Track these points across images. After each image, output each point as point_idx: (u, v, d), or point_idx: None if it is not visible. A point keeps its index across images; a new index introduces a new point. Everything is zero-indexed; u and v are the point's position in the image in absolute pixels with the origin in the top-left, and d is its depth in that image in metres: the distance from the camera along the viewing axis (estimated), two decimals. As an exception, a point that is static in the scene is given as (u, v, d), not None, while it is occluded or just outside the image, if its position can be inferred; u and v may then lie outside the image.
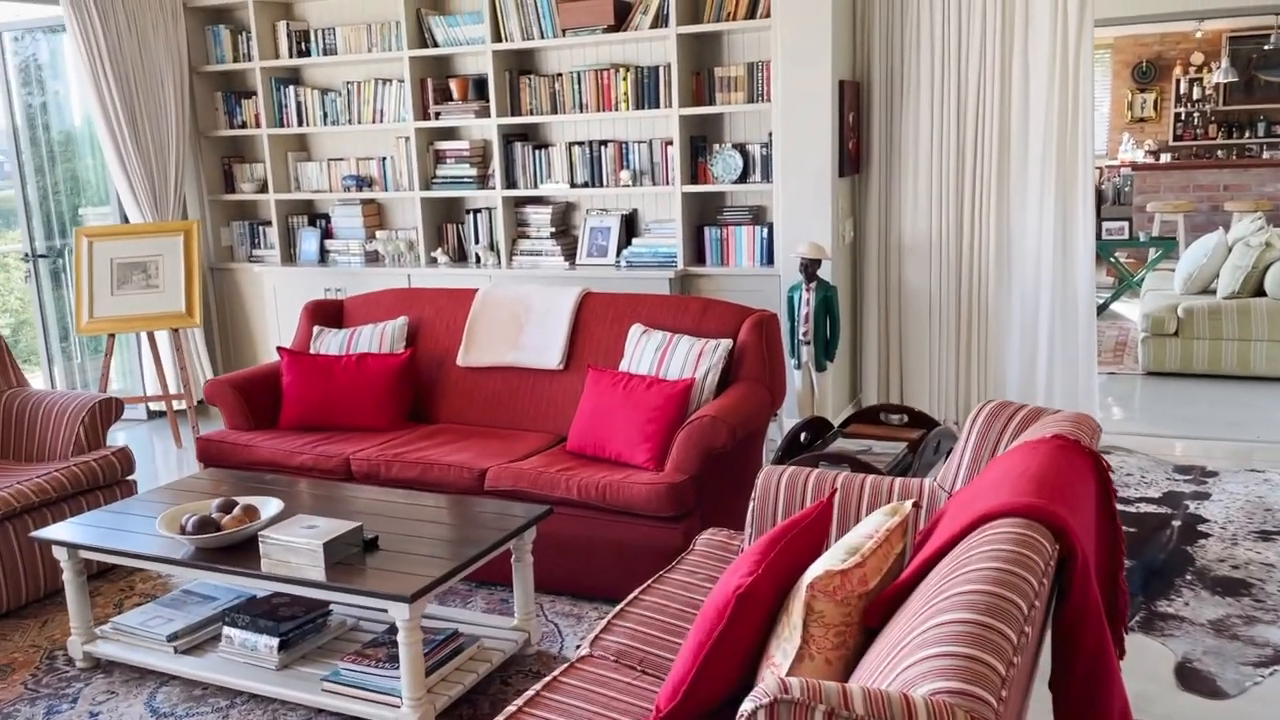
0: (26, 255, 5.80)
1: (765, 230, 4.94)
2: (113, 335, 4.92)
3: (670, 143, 5.02)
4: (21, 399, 3.84)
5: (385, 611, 2.63)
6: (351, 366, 4.01)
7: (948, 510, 1.96)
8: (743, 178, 4.95)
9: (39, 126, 5.79)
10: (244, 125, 5.90)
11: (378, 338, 4.15)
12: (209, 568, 2.69)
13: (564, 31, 5.03)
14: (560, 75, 5.17)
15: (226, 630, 2.92)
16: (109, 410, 3.80)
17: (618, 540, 3.28)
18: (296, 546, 2.66)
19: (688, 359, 3.61)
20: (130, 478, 3.80)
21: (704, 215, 5.16)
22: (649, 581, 2.50)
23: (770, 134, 4.85)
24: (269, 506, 2.92)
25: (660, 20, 4.90)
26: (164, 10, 5.50)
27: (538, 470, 3.39)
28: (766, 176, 4.92)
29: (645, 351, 3.70)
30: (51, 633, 3.27)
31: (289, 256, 5.91)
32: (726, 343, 3.62)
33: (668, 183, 5.08)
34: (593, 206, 5.37)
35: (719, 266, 5.03)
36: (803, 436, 3.56)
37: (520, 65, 5.33)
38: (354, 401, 3.98)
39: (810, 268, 4.47)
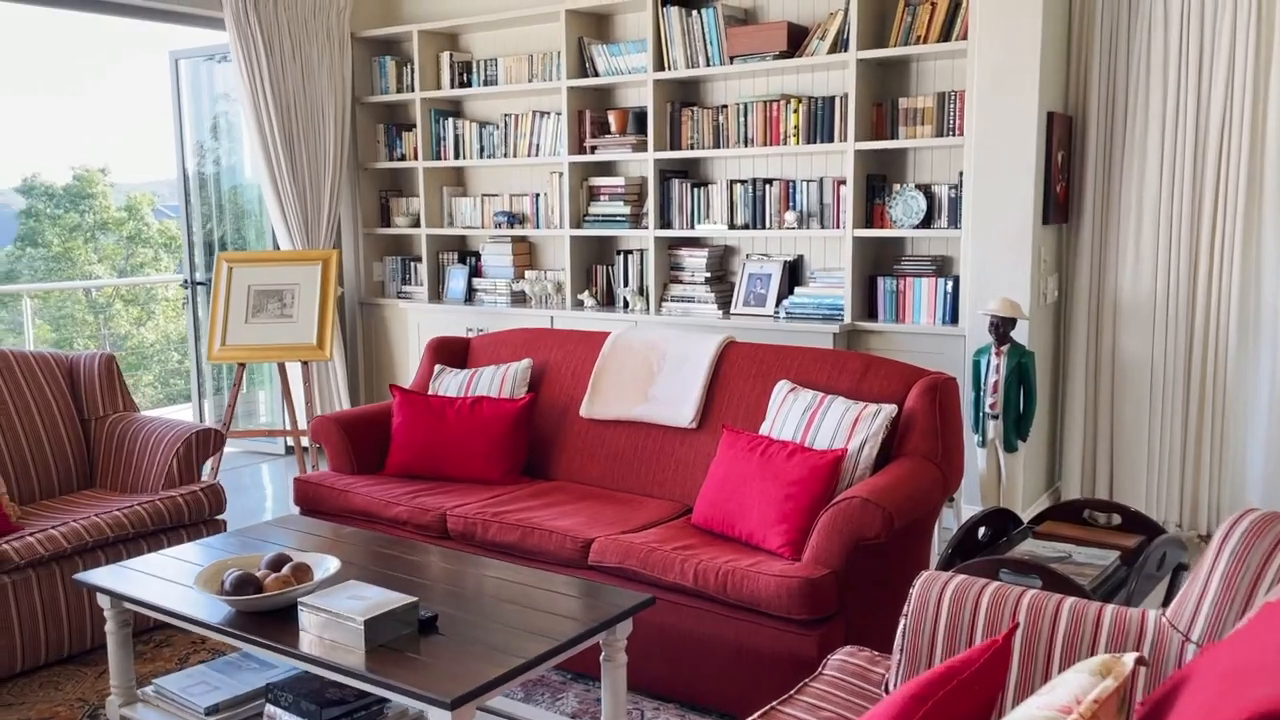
0: (185, 282, 5.80)
1: (950, 283, 4.26)
2: (243, 365, 4.74)
3: (843, 182, 4.44)
4: (124, 424, 3.63)
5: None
6: (465, 411, 3.61)
7: (1196, 675, 1.28)
8: (926, 222, 4.30)
9: (206, 153, 5.81)
10: (403, 158, 5.73)
11: (498, 381, 3.74)
12: (234, 634, 2.28)
13: (731, 59, 4.56)
14: (725, 107, 4.70)
15: (268, 709, 2.51)
16: (206, 442, 3.53)
17: (738, 642, 2.68)
18: (337, 621, 2.21)
19: (840, 425, 2.99)
20: (219, 516, 3.50)
21: (878, 264, 4.53)
22: (758, 715, 1.90)
23: (961, 173, 4.20)
24: (324, 566, 2.50)
25: (839, 45, 4.35)
26: (330, 40, 5.41)
27: (650, 547, 2.84)
28: (954, 222, 4.25)
29: (791, 413, 3.11)
30: (103, 686, 2.96)
31: (436, 294, 5.66)
32: (890, 409, 2.98)
33: (838, 226, 4.49)
34: (753, 251, 4.83)
35: (893, 323, 4.37)
36: (981, 532, 2.86)
37: (683, 96, 4.90)
38: (464, 449, 3.56)
39: (1002, 328, 3.77)
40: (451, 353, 4.05)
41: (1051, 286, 4.28)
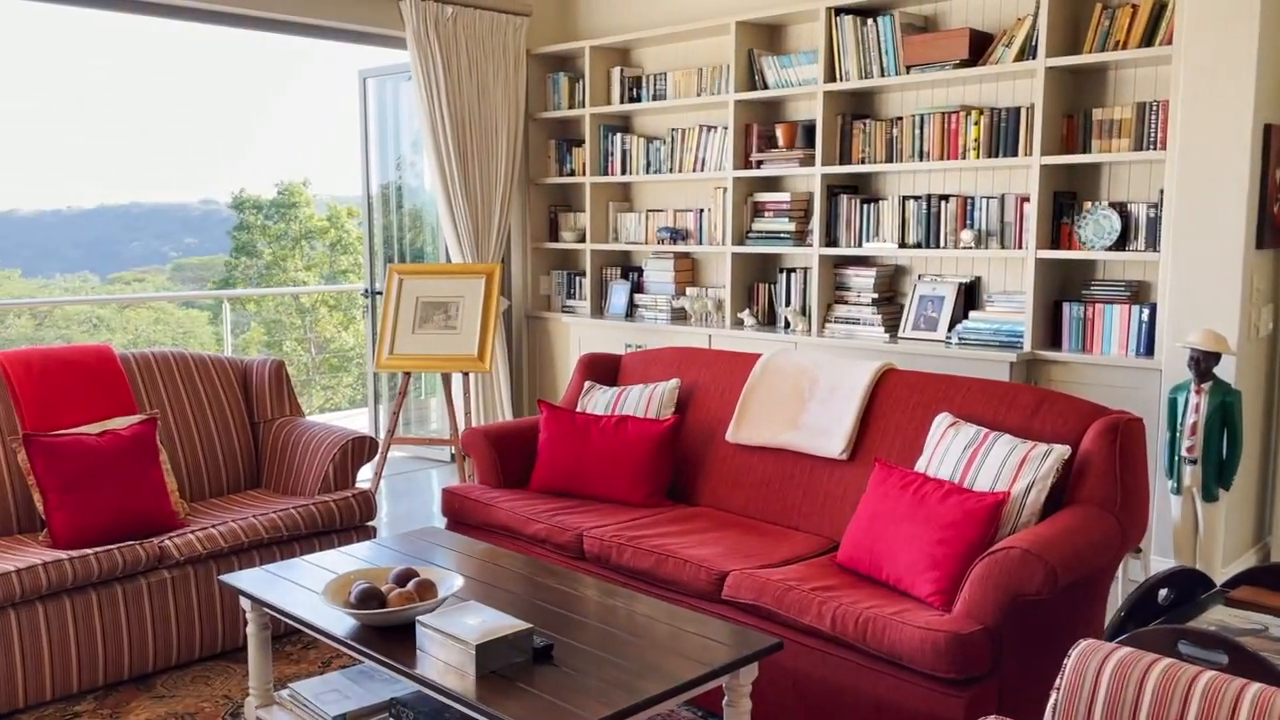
0: (366, 291, 6.03)
1: (1146, 311, 3.87)
2: (408, 374, 4.86)
3: (1026, 199, 4.12)
4: (289, 428, 3.76)
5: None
6: (610, 430, 3.54)
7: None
8: (1120, 244, 3.94)
9: (389, 166, 6.03)
10: (572, 173, 5.77)
11: (645, 400, 3.65)
12: (354, 648, 2.28)
13: (908, 69, 4.33)
14: (900, 119, 4.46)
15: (391, 722, 2.50)
16: (361, 449, 3.61)
17: (876, 696, 2.47)
18: (450, 642, 2.17)
19: (1005, 466, 2.73)
20: (370, 523, 3.57)
21: (1065, 288, 4.18)
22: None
23: (1161, 191, 3.81)
24: (449, 583, 2.47)
25: (1026, 53, 4.05)
26: (506, 57, 5.50)
27: (787, 585, 2.68)
28: (1153, 244, 3.87)
29: (950, 449, 2.87)
30: (247, 686, 3.04)
31: (599, 309, 5.65)
32: (1062, 450, 2.70)
33: (1020, 246, 4.17)
34: (925, 271, 4.56)
35: (1079, 353, 4.02)
36: (1163, 595, 2.54)
37: (855, 109, 4.69)
38: (607, 469, 3.50)
39: (1204, 363, 3.38)
40: (602, 369, 4.00)
41: (1265, 318, 3.82)
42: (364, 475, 4.97)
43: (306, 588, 2.62)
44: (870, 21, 4.44)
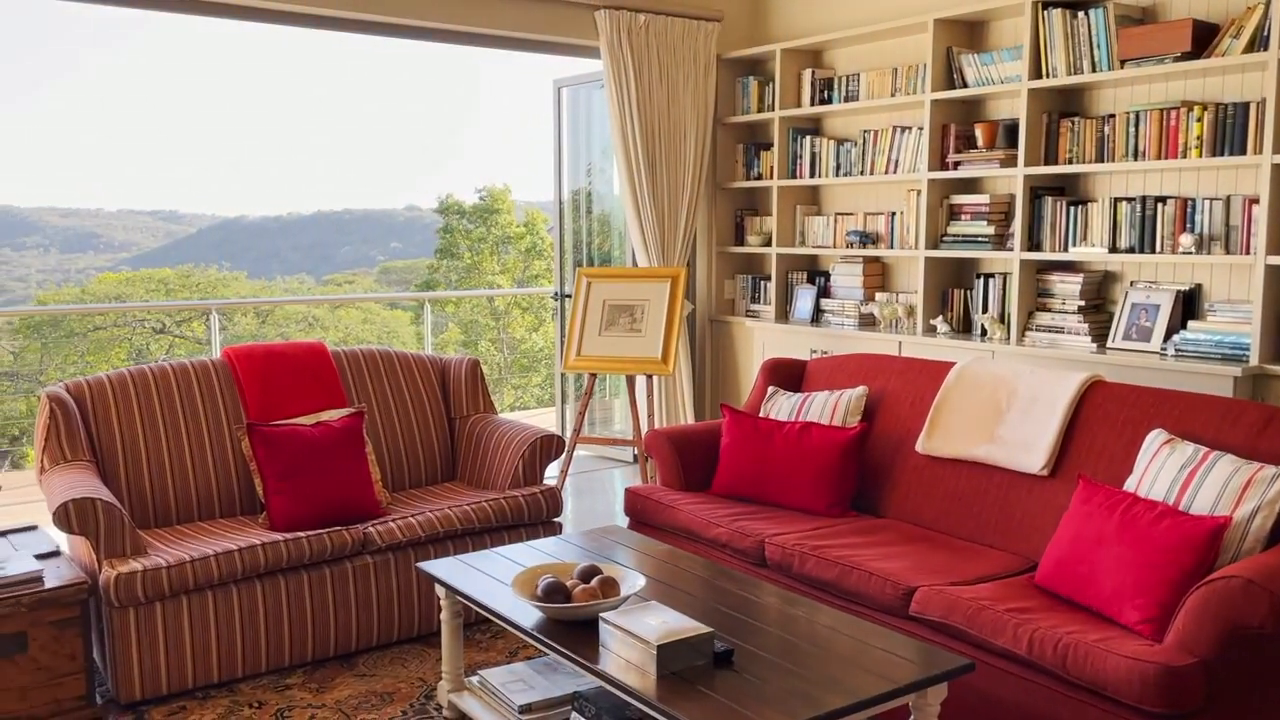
0: (556, 295, 6.20)
1: (1397, 323, 3.49)
2: (594, 375, 4.96)
3: (1255, 200, 3.80)
4: (482, 425, 3.91)
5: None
6: (793, 436, 3.49)
7: None
8: (1366, 249, 3.56)
9: (580, 172, 6.18)
10: (759, 177, 5.74)
11: (830, 407, 3.59)
12: (540, 640, 2.33)
13: (1122, 63, 4.07)
14: (1112, 116, 4.20)
15: (574, 716, 2.55)
16: (549, 447, 3.71)
17: (1076, 727, 2.33)
18: (632, 641, 2.19)
19: (1226, 488, 2.52)
20: (556, 519, 3.66)
21: (1299, 297, 3.82)
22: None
23: None
24: (632, 582, 2.50)
25: (1257, 43, 3.73)
26: (696, 63, 5.54)
27: (980, 604, 2.56)
28: (1407, 248, 3.48)
29: (1163, 469, 2.67)
30: (440, 670, 3.18)
31: (783, 314, 5.60)
32: (1295, 473, 2.46)
33: (1247, 251, 3.84)
34: (1138, 278, 4.27)
35: (1315, 368, 3.66)
36: None
37: (1062, 106, 4.45)
38: (790, 476, 3.45)
39: None
40: (786, 374, 3.96)
41: None
42: (551, 472, 5.11)
43: (496, 579, 2.71)
44: (1081, 14, 4.20)
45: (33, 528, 3.35)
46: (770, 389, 3.85)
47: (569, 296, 6.10)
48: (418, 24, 4.89)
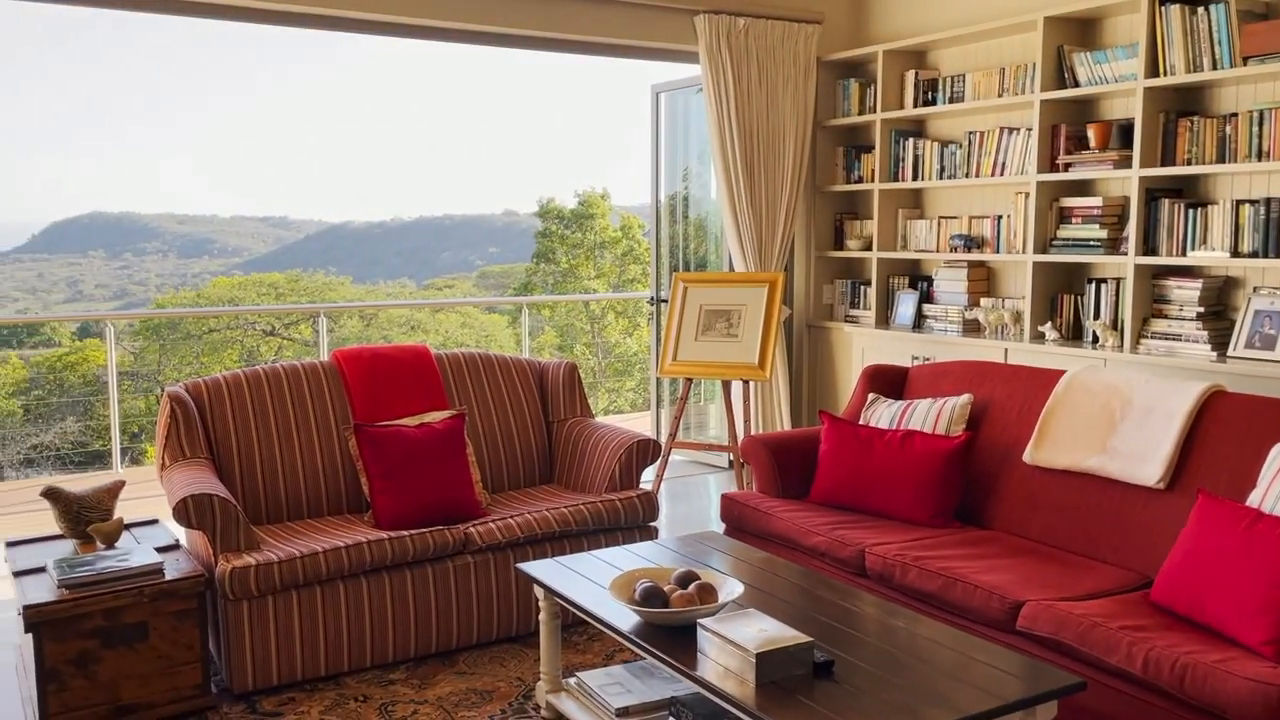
0: (652, 299, 6.22)
1: None
2: (689, 380, 4.96)
3: (1394, 200, 3.59)
4: (579, 428, 3.94)
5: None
6: (895, 444, 3.43)
7: None
8: None
9: (676, 177, 6.19)
10: (860, 180, 5.66)
11: (933, 415, 3.51)
12: (637, 644, 2.34)
13: (1245, 60, 3.89)
14: (1234, 115, 4.02)
15: (670, 720, 2.55)
16: (645, 451, 3.72)
17: (1195, 753, 2.23)
18: (730, 648, 2.18)
19: (1362, 506, 2.38)
20: (651, 524, 3.66)
21: None
22: None
23: None
24: (729, 589, 2.49)
25: (1398, 32, 3.52)
26: (796, 67, 5.49)
27: (1093, 620, 2.47)
28: None
29: (1291, 484, 2.54)
30: (538, 670, 3.21)
31: (884, 319, 5.51)
32: None
33: (1383, 255, 3.63)
34: (1263, 284, 4.08)
35: None
36: None
37: (1180, 105, 4.27)
38: (891, 485, 3.39)
39: None
40: (887, 381, 3.89)
41: None
42: (646, 477, 5.12)
43: (594, 581, 2.72)
44: (1200, 10, 4.03)
45: (154, 521, 3.50)
46: (870, 396, 3.79)
47: (665, 301, 6.11)
48: (521, 33, 4.97)
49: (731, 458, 5.83)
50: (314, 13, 4.51)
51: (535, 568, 2.84)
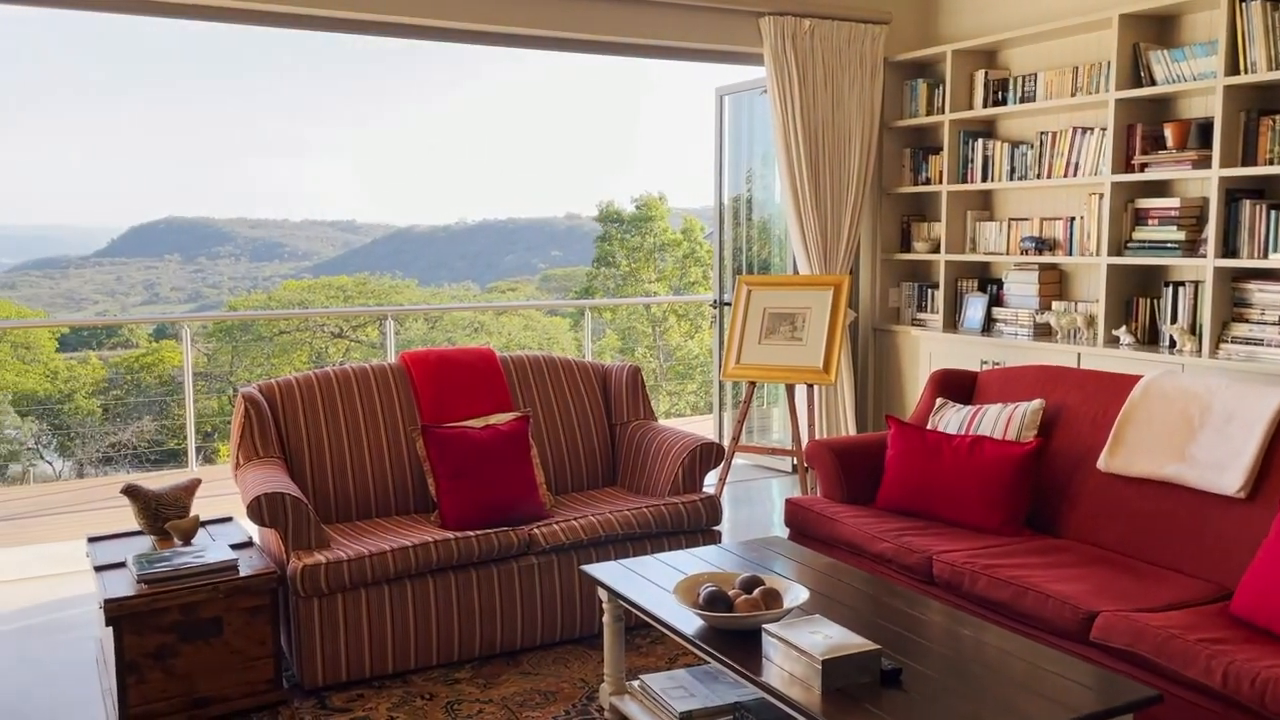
0: (715, 302, 6.20)
1: None
2: (753, 384, 4.93)
3: None
4: (643, 431, 3.95)
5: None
6: (963, 450, 3.38)
7: None
8: None
9: (739, 179, 6.16)
10: (927, 181, 5.58)
11: (1003, 421, 3.45)
12: (701, 648, 2.33)
13: (1333, 53, 3.76)
14: (1321, 112, 3.88)
15: (734, 726, 2.54)
16: (709, 455, 3.71)
17: (1280, 772, 2.15)
18: (796, 654, 2.16)
19: None
20: (715, 527, 3.65)
21: None
22: None
23: None
24: (795, 595, 2.47)
25: None
26: (863, 68, 5.44)
27: (1170, 633, 2.41)
28: None
29: (1383, 495, 2.44)
30: (602, 672, 3.22)
31: (951, 323, 5.42)
32: None
33: None
34: (1350, 287, 3.93)
35: None
36: None
37: (1262, 103, 4.14)
38: (959, 492, 3.34)
39: None
40: (956, 386, 3.83)
41: None
42: (709, 480, 5.11)
43: (658, 585, 2.72)
44: (1285, 2, 3.90)
45: (228, 519, 3.59)
46: (939, 400, 3.74)
47: (728, 304, 6.09)
48: (587, 38, 4.99)
49: (795, 462, 5.79)
50: (393, 21, 4.58)
51: (599, 570, 2.85)
